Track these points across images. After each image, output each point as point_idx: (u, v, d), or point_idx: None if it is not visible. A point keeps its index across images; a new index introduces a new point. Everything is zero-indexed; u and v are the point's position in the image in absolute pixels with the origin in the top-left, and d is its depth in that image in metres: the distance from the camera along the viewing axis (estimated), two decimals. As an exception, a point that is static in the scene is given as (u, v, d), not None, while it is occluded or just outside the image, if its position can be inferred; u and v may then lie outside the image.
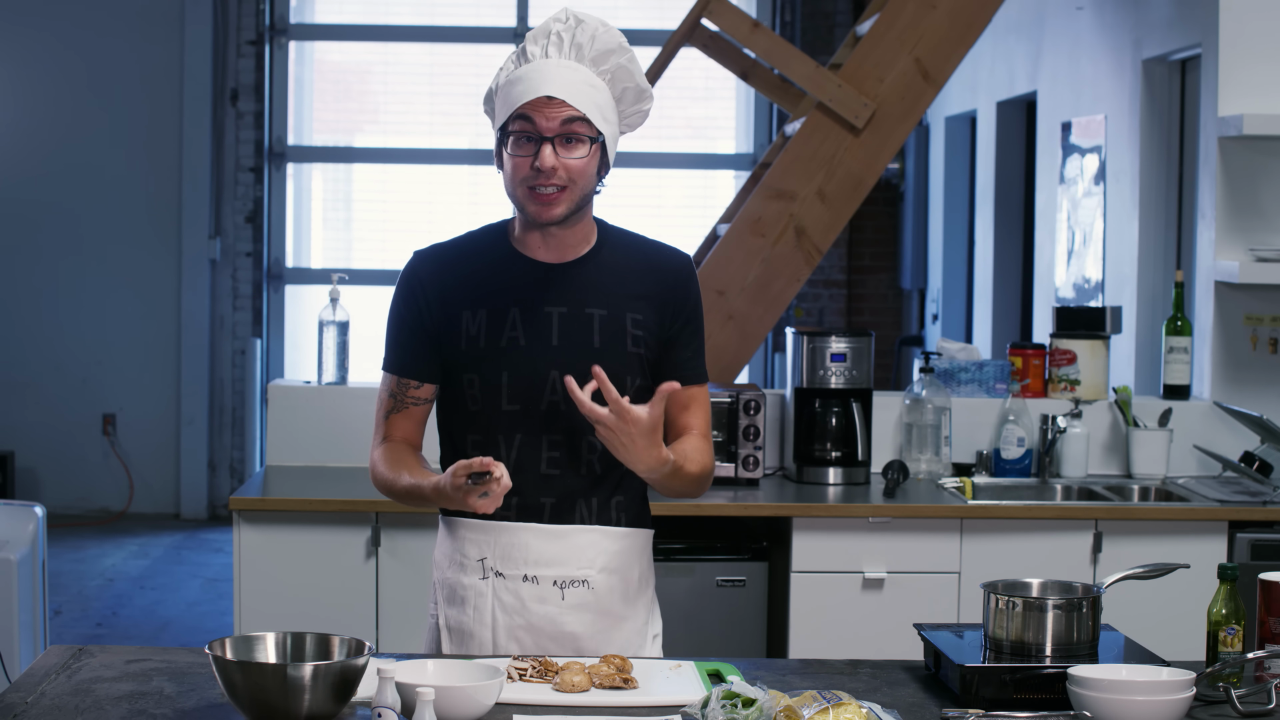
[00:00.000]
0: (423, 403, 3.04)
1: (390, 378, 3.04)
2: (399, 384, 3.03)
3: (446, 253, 3.03)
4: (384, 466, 3.00)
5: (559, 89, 2.86)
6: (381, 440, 3.05)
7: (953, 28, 5.32)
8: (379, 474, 3.01)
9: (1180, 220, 6.69)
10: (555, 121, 2.86)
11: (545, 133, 2.86)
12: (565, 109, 2.86)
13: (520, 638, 2.95)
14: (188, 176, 9.97)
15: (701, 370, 3.05)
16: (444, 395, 3.02)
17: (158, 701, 2.63)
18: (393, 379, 3.04)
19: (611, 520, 2.99)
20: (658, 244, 3.06)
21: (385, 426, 3.05)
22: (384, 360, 3.06)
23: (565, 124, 2.86)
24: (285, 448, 5.23)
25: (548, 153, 2.86)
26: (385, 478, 2.99)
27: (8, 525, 5.05)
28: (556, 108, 2.86)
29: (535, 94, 2.86)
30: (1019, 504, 4.86)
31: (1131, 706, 2.53)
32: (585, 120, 2.87)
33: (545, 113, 2.86)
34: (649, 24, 10.02)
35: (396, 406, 3.03)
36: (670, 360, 3.01)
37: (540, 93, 2.85)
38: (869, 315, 10.58)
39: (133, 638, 7.17)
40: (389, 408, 3.04)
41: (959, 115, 9.52)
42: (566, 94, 2.86)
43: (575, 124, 2.87)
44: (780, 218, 5.34)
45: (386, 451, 3.02)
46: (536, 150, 2.86)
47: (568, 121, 2.86)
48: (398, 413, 3.03)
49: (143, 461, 10.03)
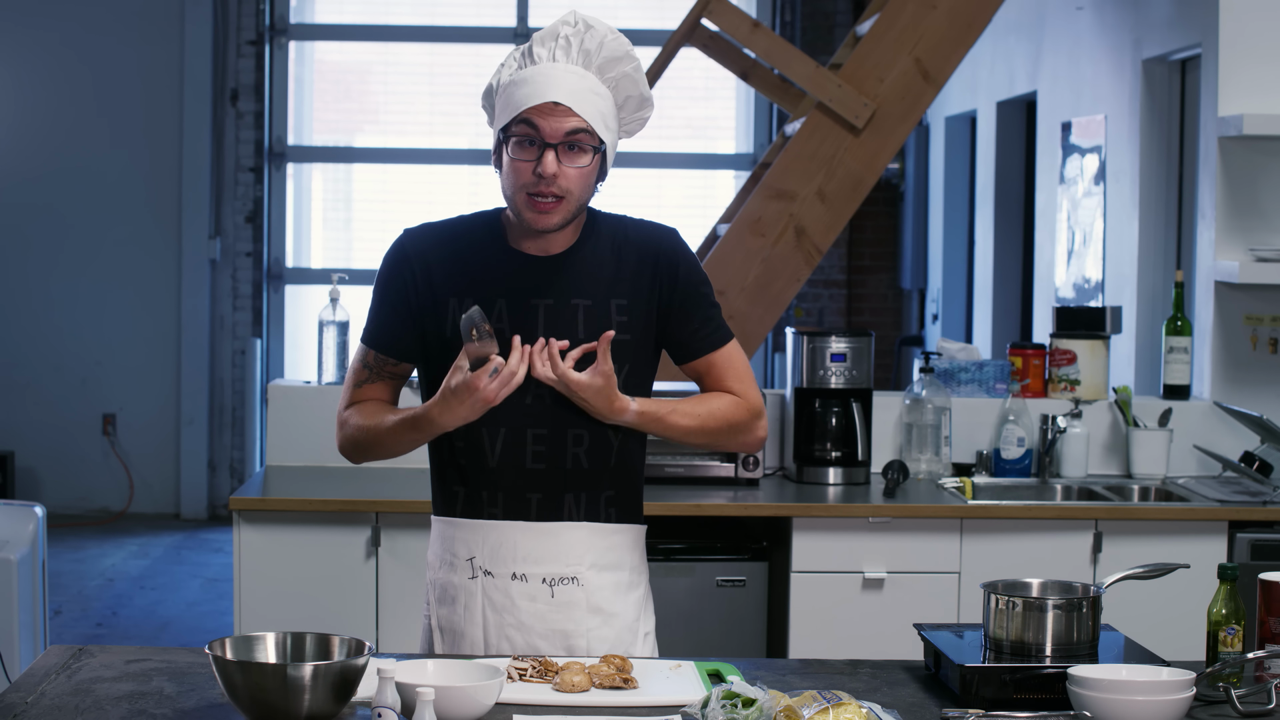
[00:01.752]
0: (399, 378, 3.03)
1: (368, 351, 3.02)
2: (377, 358, 3.01)
3: (436, 234, 3.01)
4: (361, 417, 2.98)
5: (565, 95, 2.85)
6: (349, 404, 3.03)
7: (953, 28, 5.32)
8: (354, 424, 2.98)
9: (1180, 220, 6.69)
10: (560, 130, 2.85)
11: (549, 139, 2.85)
12: (571, 118, 2.85)
13: (511, 636, 2.94)
14: (188, 176, 9.97)
15: (720, 334, 3.02)
16: (428, 385, 3.01)
17: (158, 701, 2.63)
18: (370, 352, 3.02)
19: (600, 516, 2.98)
20: (641, 222, 3.04)
21: (355, 394, 3.02)
22: (364, 333, 3.03)
23: (570, 134, 2.85)
24: (285, 448, 5.23)
25: (550, 159, 2.85)
26: (363, 424, 2.96)
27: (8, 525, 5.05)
28: (562, 116, 2.85)
29: (541, 99, 2.84)
30: (1019, 504, 4.86)
31: (1131, 706, 2.53)
32: (589, 131, 2.86)
33: (550, 119, 2.85)
34: (649, 24, 10.02)
35: (371, 377, 3.01)
36: (683, 333, 3.00)
37: (546, 98, 2.84)
38: (869, 315, 10.58)
39: (133, 638, 7.18)
40: (362, 378, 3.02)
41: (959, 115, 9.53)
42: (572, 101, 2.85)
43: (579, 134, 2.86)
44: (780, 218, 5.33)
45: (362, 407, 3.00)
46: (539, 156, 2.86)
47: (572, 132, 2.85)
48: (372, 383, 3.01)
49: (143, 461, 10.03)
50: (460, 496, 2.97)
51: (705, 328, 3.01)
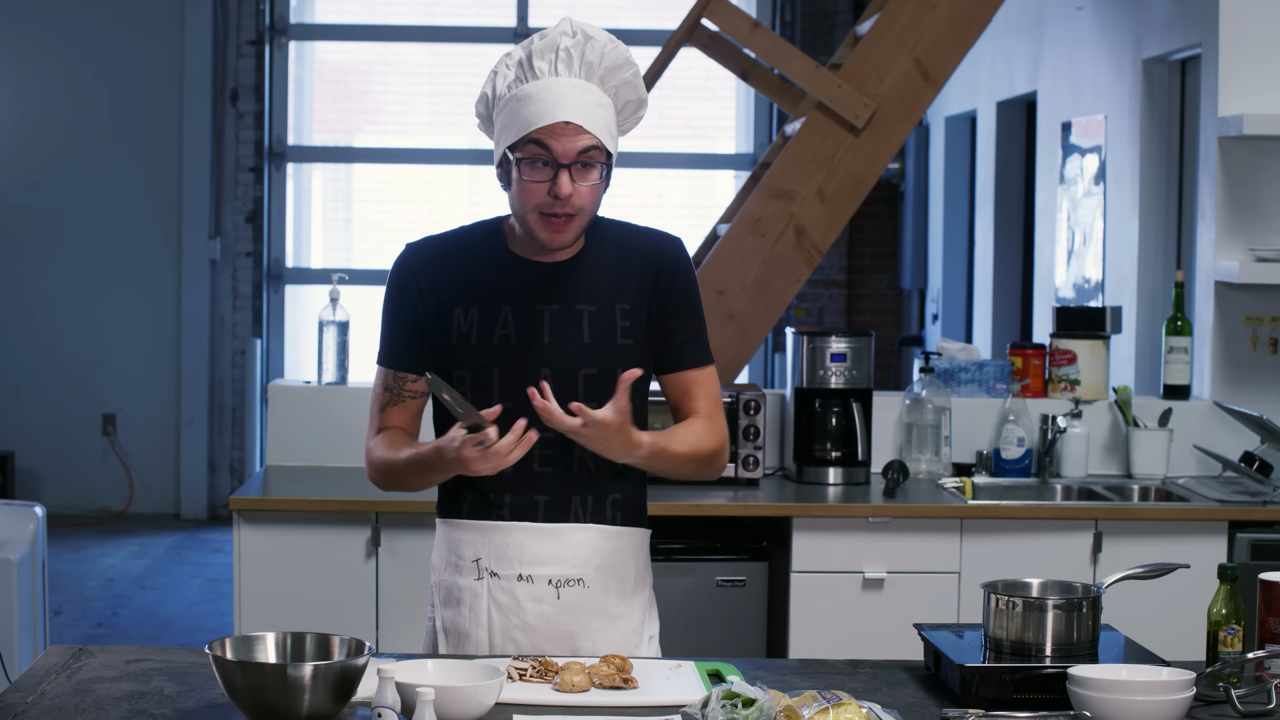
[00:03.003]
0: (420, 395, 3.03)
1: (386, 372, 3.03)
2: (395, 378, 3.02)
3: (438, 246, 3.02)
4: (382, 449, 2.99)
5: (575, 113, 2.83)
6: (377, 431, 3.04)
7: (953, 28, 5.32)
8: (378, 456, 2.99)
9: (1180, 220, 6.69)
10: (573, 150, 2.83)
11: (562, 159, 2.84)
12: (582, 136, 2.83)
13: (516, 638, 2.94)
14: (188, 176, 9.97)
15: (702, 353, 3.01)
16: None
17: (158, 701, 2.63)
18: (388, 373, 3.03)
19: (606, 519, 2.98)
20: (647, 230, 3.04)
21: (381, 419, 3.04)
22: (379, 354, 3.05)
23: (582, 153, 2.84)
24: (285, 448, 5.23)
25: (566, 181, 2.84)
26: (384, 457, 2.97)
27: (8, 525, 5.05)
28: (573, 135, 2.83)
29: (552, 118, 2.83)
30: (1019, 504, 4.86)
31: (1131, 706, 2.53)
32: (599, 147, 2.86)
33: (562, 140, 2.83)
34: (649, 24, 10.02)
35: (393, 400, 3.02)
36: (667, 345, 2.99)
37: (557, 117, 2.83)
38: (869, 315, 10.58)
39: (133, 638, 7.17)
40: (385, 401, 3.03)
41: (959, 115, 9.53)
42: (582, 119, 2.83)
43: (591, 151, 2.85)
44: (780, 218, 5.33)
45: (384, 437, 3.01)
46: (553, 176, 2.84)
47: (584, 150, 2.84)
48: (394, 405, 3.02)
49: (143, 461, 10.03)
50: (467, 498, 2.97)
51: (693, 342, 3.00)
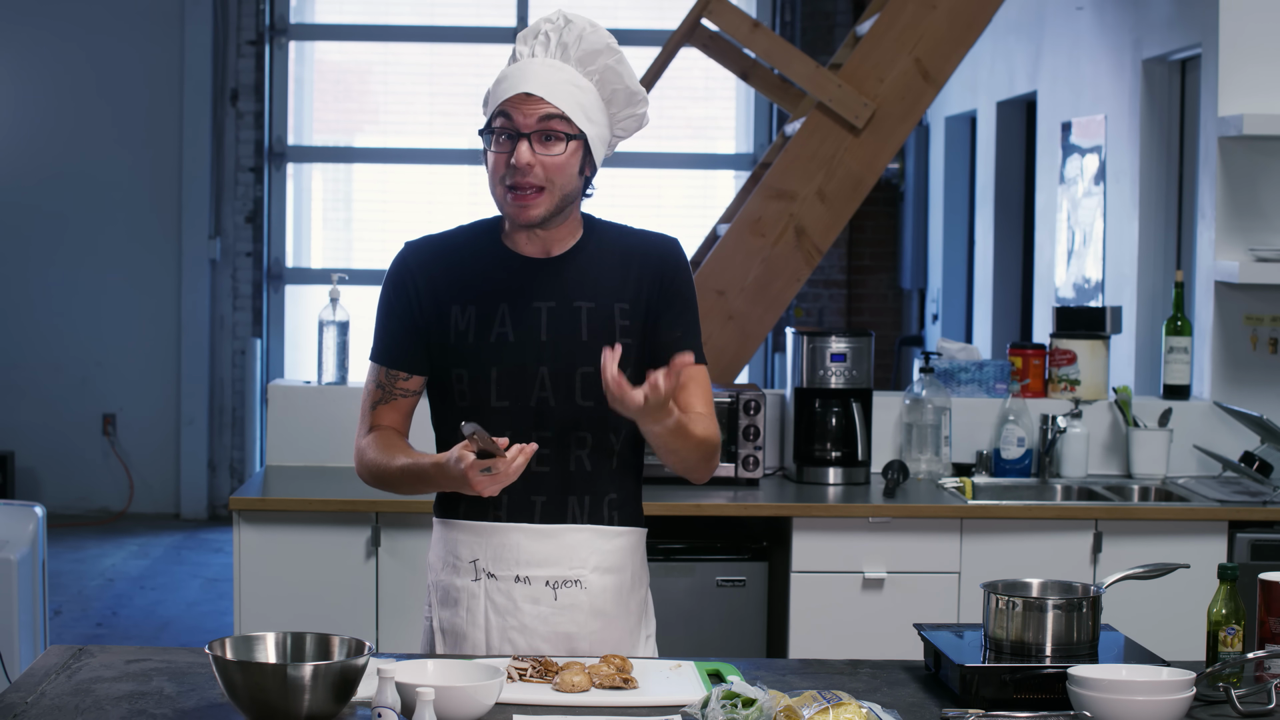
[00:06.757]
0: (411, 394, 3.02)
1: (378, 368, 3.03)
2: (388, 375, 3.02)
3: (437, 245, 3.03)
4: (374, 451, 2.98)
5: (537, 86, 2.85)
6: (368, 430, 3.03)
7: (953, 28, 5.32)
8: (369, 459, 2.98)
9: (1180, 220, 6.69)
10: (533, 118, 2.85)
11: (522, 129, 2.86)
12: (543, 105, 2.85)
13: (513, 639, 2.94)
14: (188, 176, 9.97)
15: (696, 353, 2.99)
16: (435, 390, 3.02)
17: (158, 701, 2.63)
18: (381, 370, 3.02)
19: (604, 519, 2.98)
20: (644, 231, 3.05)
21: (372, 416, 3.03)
22: (372, 350, 3.05)
23: (543, 120, 2.85)
24: (285, 448, 5.22)
25: (524, 149, 2.85)
26: (376, 461, 2.97)
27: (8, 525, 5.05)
28: (535, 104, 2.85)
29: (515, 91, 2.86)
30: (1019, 504, 4.86)
31: (1131, 706, 2.53)
32: (564, 118, 2.86)
33: (523, 109, 2.86)
34: (649, 24, 10.02)
35: (385, 397, 3.02)
36: (659, 341, 2.97)
37: (520, 89, 2.86)
38: (869, 315, 10.58)
39: (133, 638, 7.18)
40: (376, 398, 3.03)
41: (959, 115, 9.53)
42: (545, 91, 2.85)
43: (553, 121, 2.86)
44: (780, 218, 5.33)
45: (376, 437, 3.00)
46: (514, 147, 2.86)
47: (545, 119, 2.85)
48: (385, 403, 3.02)
49: (143, 461, 10.03)
50: (464, 499, 2.97)
51: (685, 340, 2.99)
